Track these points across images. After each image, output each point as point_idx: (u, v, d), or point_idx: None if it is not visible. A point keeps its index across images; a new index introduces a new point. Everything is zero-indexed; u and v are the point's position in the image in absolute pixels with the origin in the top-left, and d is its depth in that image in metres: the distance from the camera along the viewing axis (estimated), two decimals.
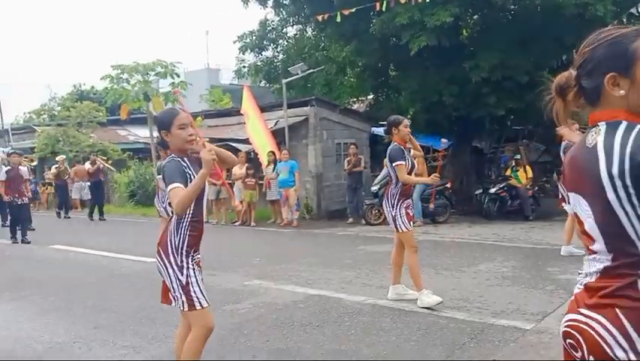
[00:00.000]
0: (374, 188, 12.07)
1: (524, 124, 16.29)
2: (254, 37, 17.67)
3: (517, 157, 13.12)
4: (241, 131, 13.99)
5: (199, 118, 15.30)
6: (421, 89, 12.65)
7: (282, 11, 16.06)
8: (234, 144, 13.65)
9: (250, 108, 13.59)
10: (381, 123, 16.17)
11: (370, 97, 17.44)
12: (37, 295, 6.40)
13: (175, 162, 3.01)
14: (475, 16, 13.51)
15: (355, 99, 18.65)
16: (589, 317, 1.48)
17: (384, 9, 11.36)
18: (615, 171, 1.42)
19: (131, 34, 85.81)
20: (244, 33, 17.72)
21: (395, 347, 4.17)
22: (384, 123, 16.01)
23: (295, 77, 14.82)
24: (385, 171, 12.34)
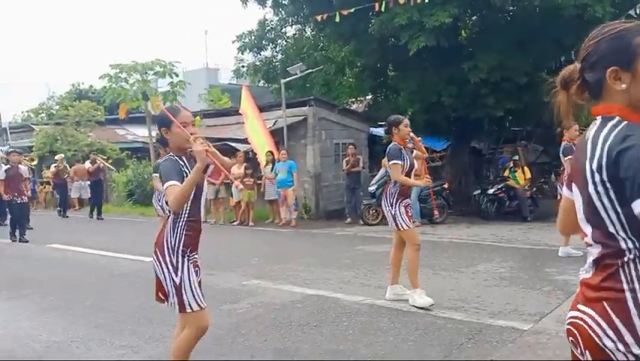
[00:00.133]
0: (371, 188, 12.09)
1: (523, 125, 16.32)
2: (253, 37, 17.68)
3: (516, 158, 13.13)
4: (240, 131, 13.99)
5: (197, 118, 15.29)
6: (420, 90, 12.66)
7: (281, 11, 16.06)
8: (233, 144, 13.67)
9: (249, 108, 13.61)
10: (380, 124, 16.18)
11: (369, 97, 17.44)
12: (35, 294, 6.39)
13: (171, 160, 3.01)
14: (474, 17, 13.52)
15: (354, 99, 18.64)
16: (583, 312, 1.52)
17: (383, 9, 11.37)
18: (595, 165, 1.46)
19: (130, 33, 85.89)
20: (243, 33, 17.74)
21: (393, 347, 4.17)
22: (382, 124, 16.08)
23: (294, 77, 14.83)
24: (383, 170, 12.40)
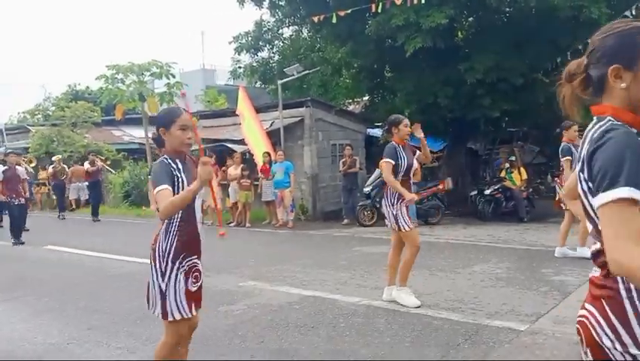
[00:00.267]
0: (366, 189, 12.09)
1: (519, 126, 16.36)
2: (249, 38, 17.68)
3: (512, 159, 13.16)
4: (236, 132, 13.98)
5: (194, 119, 15.26)
6: (417, 91, 12.67)
7: (278, 12, 16.04)
8: (230, 145, 13.66)
9: (245, 109, 13.60)
10: (377, 124, 16.20)
11: (366, 98, 17.45)
12: (30, 296, 6.37)
13: (164, 163, 2.94)
14: (470, 18, 13.55)
15: (351, 100, 18.66)
16: (588, 311, 1.52)
17: (379, 10, 11.36)
18: (580, 164, 1.49)
19: (127, 34, 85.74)
20: (240, 34, 17.74)
21: (390, 348, 4.17)
22: (379, 124, 16.11)
23: (291, 78, 14.83)
24: (378, 172, 12.40)
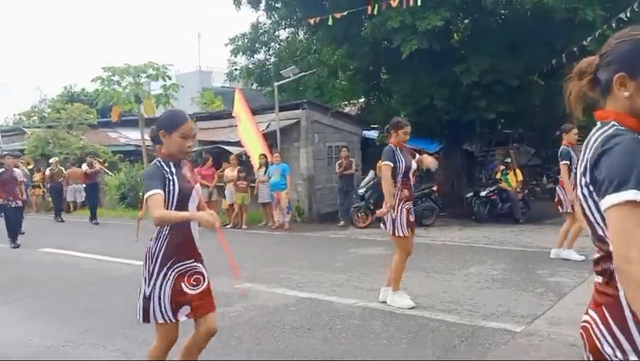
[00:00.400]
0: (360, 191, 12.10)
1: (514, 128, 16.41)
2: (246, 40, 17.66)
3: (508, 160, 13.19)
4: (233, 134, 13.97)
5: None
6: (413, 93, 12.69)
7: (274, 14, 16.05)
8: (226, 147, 13.66)
9: (242, 111, 13.59)
10: (373, 126, 16.23)
11: (362, 100, 17.47)
12: (26, 298, 6.35)
13: (156, 166, 2.92)
14: (466, 21, 13.59)
15: (347, 102, 18.68)
16: (590, 316, 1.53)
17: (375, 12, 11.39)
18: (582, 168, 1.49)
19: (123, 36, 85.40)
20: (236, 36, 17.72)
21: (386, 350, 4.18)
22: (375, 126, 16.12)
23: (287, 80, 14.83)
24: (372, 173, 12.42)
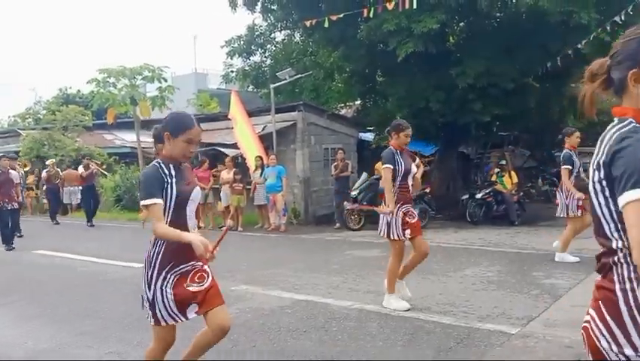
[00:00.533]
0: (353, 193, 12.09)
1: (510, 130, 16.47)
2: (242, 42, 17.69)
3: (503, 163, 13.23)
4: (229, 136, 13.96)
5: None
6: (408, 95, 12.72)
7: (270, 16, 16.07)
8: (222, 149, 13.64)
9: (238, 113, 13.59)
10: (369, 129, 16.25)
11: (358, 102, 17.50)
12: (21, 301, 6.32)
13: (155, 168, 2.88)
14: (462, 24, 13.64)
15: (343, 105, 18.70)
16: (590, 315, 1.54)
17: (371, 15, 11.43)
18: (595, 163, 1.49)
19: (119, 37, 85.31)
20: (232, 38, 17.76)
21: (382, 352, 4.18)
22: (371, 129, 16.13)
23: (283, 82, 14.84)
24: (365, 175, 12.42)
